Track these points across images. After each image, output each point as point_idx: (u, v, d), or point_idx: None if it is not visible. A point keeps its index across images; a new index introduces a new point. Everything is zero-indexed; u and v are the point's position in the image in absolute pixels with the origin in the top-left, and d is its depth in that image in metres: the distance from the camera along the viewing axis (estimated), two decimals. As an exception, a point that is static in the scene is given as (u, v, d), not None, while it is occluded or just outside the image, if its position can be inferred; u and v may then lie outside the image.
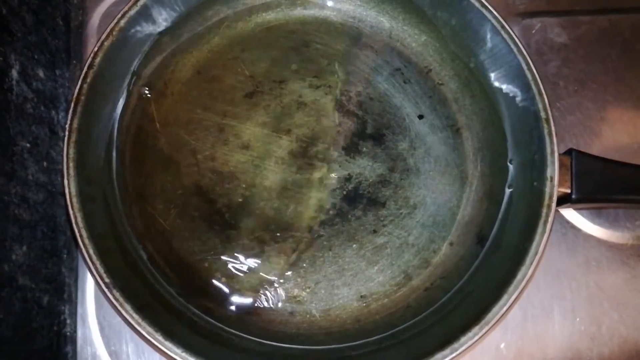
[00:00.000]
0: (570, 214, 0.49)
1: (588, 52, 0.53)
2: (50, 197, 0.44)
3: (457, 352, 0.36)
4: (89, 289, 0.45)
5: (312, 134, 0.46)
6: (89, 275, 0.46)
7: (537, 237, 0.39)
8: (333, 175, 0.46)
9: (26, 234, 0.40)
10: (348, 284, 0.43)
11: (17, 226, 0.39)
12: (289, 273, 0.43)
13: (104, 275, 0.37)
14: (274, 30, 0.49)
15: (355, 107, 0.47)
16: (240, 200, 0.45)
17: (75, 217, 0.38)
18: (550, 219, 0.39)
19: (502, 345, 0.46)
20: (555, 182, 0.40)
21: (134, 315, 0.36)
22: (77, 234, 0.38)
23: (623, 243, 0.48)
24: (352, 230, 0.45)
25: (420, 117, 0.47)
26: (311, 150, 0.46)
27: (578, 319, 0.47)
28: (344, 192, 0.45)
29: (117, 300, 0.37)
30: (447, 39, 0.48)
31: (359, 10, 0.49)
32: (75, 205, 0.38)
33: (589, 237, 0.48)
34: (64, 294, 0.44)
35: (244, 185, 0.45)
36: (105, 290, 0.37)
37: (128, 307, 0.37)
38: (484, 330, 0.37)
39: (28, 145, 0.42)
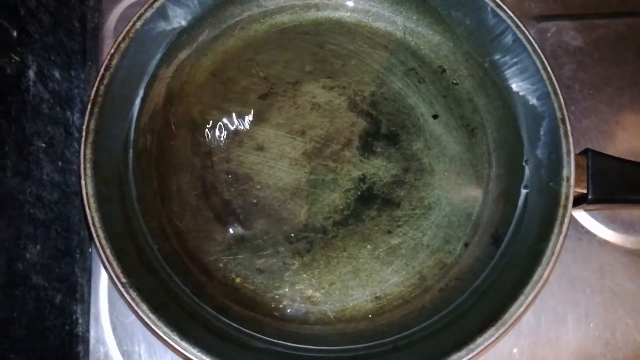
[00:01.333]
0: (584, 218, 0.48)
1: (603, 56, 0.53)
2: (64, 196, 0.44)
3: (473, 353, 0.36)
4: (102, 289, 0.46)
5: (326, 134, 0.47)
6: (102, 274, 0.46)
7: (553, 238, 0.39)
8: (347, 175, 0.46)
9: (40, 233, 0.41)
10: (362, 285, 0.43)
11: (32, 225, 0.40)
12: (304, 274, 0.43)
13: (121, 275, 0.37)
14: (288, 32, 0.49)
15: (369, 107, 0.47)
16: (254, 201, 0.45)
17: (93, 218, 0.38)
18: (566, 220, 0.39)
19: (515, 350, 0.45)
20: (571, 182, 0.40)
21: (151, 315, 0.37)
22: (95, 235, 0.38)
23: (638, 248, 0.48)
24: (367, 230, 0.44)
25: (435, 116, 0.47)
26: (325, 151, 0.46)
27: (592, 325, 0.46)
28: (358, 193, 0.45)
29: (133, 300, 0.37)
30: (461, 39, 0.47)
31: (372, 10, 0.49)
32: (93, 205, 0.39)
33: (604, 242, 0.48)
34: (77, 294, 0.44)
35: (258, 187, 0.45)
36: (122, 290, 0.37)
37: (144, 307, 0.37)
38: (500, 331, 0.37)
39: (44, 145, 0.42)
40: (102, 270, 0.46)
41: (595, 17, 0.53)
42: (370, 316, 0.43)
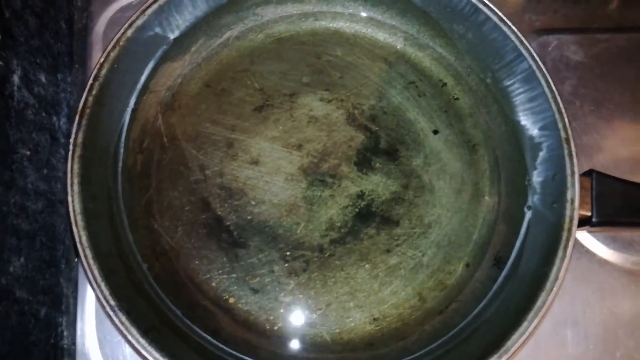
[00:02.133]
0: (585, 238, 0.48)
1: (605, 71, 0.52)
2: (49, 205, 0.42)
3: (475, 381, 0.35)
4: (89, 301, 0.44)
5: (323, 149, 0.45)
6: (89, 287, 0.44)
7: (557, 262, 0.38)
8: (345, 192, 0.44)
9: (24, 244, 0.39)
10: (360, 306, 0.42)
11: (15, 237, 0.38)
12: (299, 294, 0.42)
13: (109, 298, 0.36)
14: (284, 42, 0.48)
15: (367, 121, 0.46)
16: (249, 217, 0.43)
17: (80, 236, 0.37)
18: (570, 243, 0.38)
19: (514, 370, 0.45)
20: (575, 204, 0.39)
21: (140, 339, 0.35)
22: (82, 254, 0.36)
23: (638, 269, 0.47)
24: (365, 249, 0.43)
25: (435, 132, 0.46)
26: (322, 166, 0.45)
27: (592, 346, 0.45)
28: (356, 210, 0.44)
29: (122, 324, 0.35)
30: (462, 53, 0.46)
31: (372, 22, 0.48)
32: (80, 223, 0.37)
33: (604, 262, 0.47)
34: (62, 306, 0.43)
35: (253, 202, 0.44)
36: (111, 313, 0.35)
37: (134, 331, 0.35)
38: (503, 359, 0.36)
39: (28, 152, 0.41)
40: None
41: (597, 31, 0.53)
42: (368, 339, 0.41)
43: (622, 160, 0.49)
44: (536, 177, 0.43)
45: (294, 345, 0.41)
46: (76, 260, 0.45)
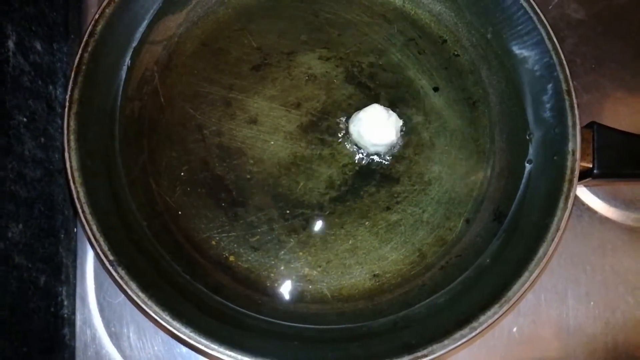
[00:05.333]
0: (586, 195, 0.47)
1: (606, 29, 0.51)
2: (47, 174, 0.42)
3: (477, 331, 0.35)
4: (89, 270, 0.44)
5: (322, 107, 0.45)
6: (89, 255, 0.44)
7: (558, 213, 0.38)
8: (344, 150, 0.44)
9: (22, 211, 0.39)
10: (360, 263, 0.42)
11: (14, 203, 0.38)
12: (299, 252, 0.42)
13: (108, 253, 0.35)
14: (282, 0, 0.47)
15: (367, 79, 0.45)
16: (248, 176, 0.43)
17: (78, 193, 0.36)
18: (572, 194, 0.38)
19: (515, 329, 0.45)
20: (577, 155, 0.39)
21: (140, 294, 0.35)
22: (80, 210, 0.36)
23: (639, 226, 0.47)
24: (365, 207, 0.43)
25: (436, 89, 0.46)
26: (321, 124, 0.44)
27: (592, 303, 0.46)
28: (356, 168, 0.44)
29: (122, 278, 0.35)
30: (463, 8, 0.46)
31: (370, -22, 0.47)
32: (77, 179, 0.37)
33: (605, 220, 0.47)
34: (61, 275, 0.43)
35: (251, 161, 0.43)
36: (110, 268, 0.35)
37: (134, 285, 0.35)
38: (504, 309, 0.36)
39: (25, 119, 0.40)
40: (88, 251, 0.44)
41: (598, -11, 0.52)
42: (368, 294, 0.41)
43: (623, 117, 0.49)
44: (537, 131, 0.42)
45: (295, 300, 0.41)
46: (75, 230, 0.45)
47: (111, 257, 0.35)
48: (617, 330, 0.45)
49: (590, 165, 0.40)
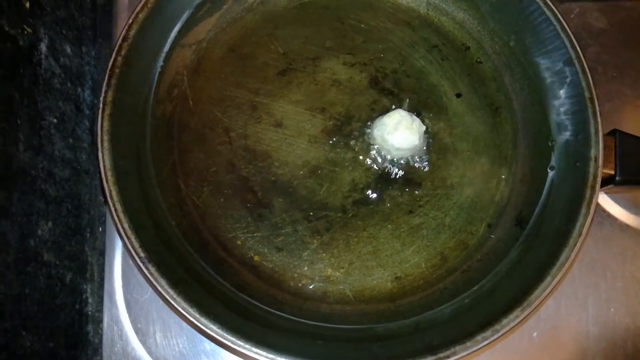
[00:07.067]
0: (607, 202, 0.48)
1: (627, 38, 0.52)
2: (75, 174, 0.43)
3: (499, 334, 0.36)
4: (117, 268, 0.45)
5: (346, 112, 0.46)
6: (116, 253, 0.45)
7: (580, 219, 0.38)
8: (368, 154, 0.45)
9: (51, 209, 0.40)
10: (382, 265, 0.43)
11: (44, 201, 0.39)
12: (323, 253, 0.43)
13: (139, 250, 0.36)
14: (307, 7, 0.48)
15: (391, 84, 0.46)
16: (273, 178, 0.44)
17: (110, 191, 0.37)
18: (594, 200, 0.38)
19: (535, 334, 0.45)
20: (599, 162, 0.39)
21: (170, 290, 0.36)
22: (112, 208, 0.37)
23: (660, 234, 0.47)
24: (387, 210, 0.44)
25: (458, 95, 0.46)
26: (345, 128, 0.45)
27: (612, 310, 0.46)
28: (379, 172, 0.44)
29: (152, 275, 0.36)
30: (486, 16, 0.46)
31: (395, -15, 0.48)
32: (110, 178, 0.38)
33: (626, 227, 0.47)
34: (87, 273, 0.44)
35: (277, 164, 0.44)
36: (141, 264, 0.36)
37: (163, 282, 0.36)
38: (526, 313, 0.36)
39: (55, 120, 0.42)
40: (116, 249, 0.46)
41: (620, -2, 0.52)
42: (390, 296, 0.42)
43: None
44: (559, 138, 0.43)
45: (318, 301, 0.42)
46: (101, 229, 0.46)
47: (142, 254, 0.36)
48: (637, 336, 0.45)
49: (612, 172, 0.40)
